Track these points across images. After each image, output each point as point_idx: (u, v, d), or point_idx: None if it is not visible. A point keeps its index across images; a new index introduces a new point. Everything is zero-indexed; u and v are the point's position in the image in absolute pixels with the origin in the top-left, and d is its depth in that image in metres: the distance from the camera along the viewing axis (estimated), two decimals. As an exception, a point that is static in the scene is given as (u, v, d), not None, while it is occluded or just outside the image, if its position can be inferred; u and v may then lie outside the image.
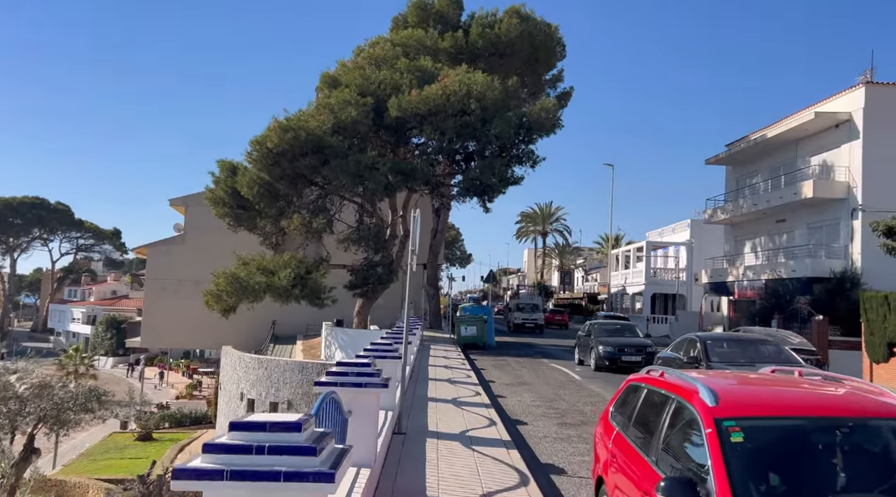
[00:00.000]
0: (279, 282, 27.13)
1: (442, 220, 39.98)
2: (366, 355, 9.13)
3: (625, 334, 22.43)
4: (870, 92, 28.56)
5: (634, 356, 20.18)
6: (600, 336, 21.73)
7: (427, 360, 20.43)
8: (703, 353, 13.34)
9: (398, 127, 29.17)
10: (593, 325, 22.94)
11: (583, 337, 23.31)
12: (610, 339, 21.48)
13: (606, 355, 20.67)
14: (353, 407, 6.06)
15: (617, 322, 25.24)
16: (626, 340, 21.72)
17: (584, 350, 22.78)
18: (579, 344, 23.56)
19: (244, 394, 25.67)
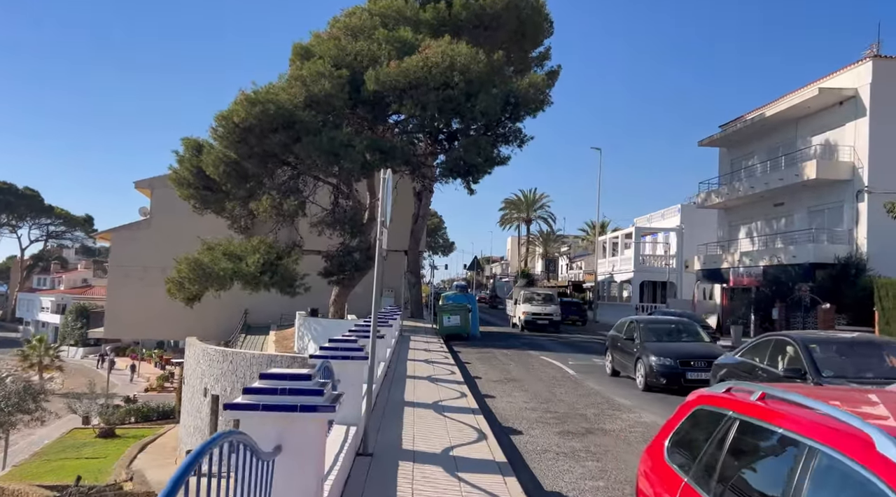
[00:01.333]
0: (247, 268, 25.12)
1: (424, 204, 38.00)
2: (323, 355, 7.22)
3: (683, 337, 16.09)
4: (877, 66, 26.92)
5: (703, 372, 13.63)
6: (649, 340, 15.42)
7: (406, 354, 18.53)
8: (808, 362, 9.22)
9: (376, 102, 27.14)
10: (637, 325, 16.22)
11: (620, 340, 16.62)
12: (666, 347, 14.98)
13: (663, 370, 14.23)
14: (285, 441, 4.12)
15: (671, 319, 18.35)
16: (689, 349, 15.10)
17: (622, 358, 16.28)
18: (615, 349, 16.84)
19: (208, 389, 23.67)
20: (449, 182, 28.85)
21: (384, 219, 7.67)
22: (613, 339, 17.19)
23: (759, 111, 33.25)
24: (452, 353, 20.99)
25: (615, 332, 17.33)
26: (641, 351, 15.01)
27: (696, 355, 14.55)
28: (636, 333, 15.77)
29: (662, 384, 14.17)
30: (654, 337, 15.68)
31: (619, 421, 10.94)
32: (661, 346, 15.06)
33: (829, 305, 23.79)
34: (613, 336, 17.28)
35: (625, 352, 16.18)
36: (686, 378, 13.99)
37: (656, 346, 15.05)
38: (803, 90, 30.00)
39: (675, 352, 14.67)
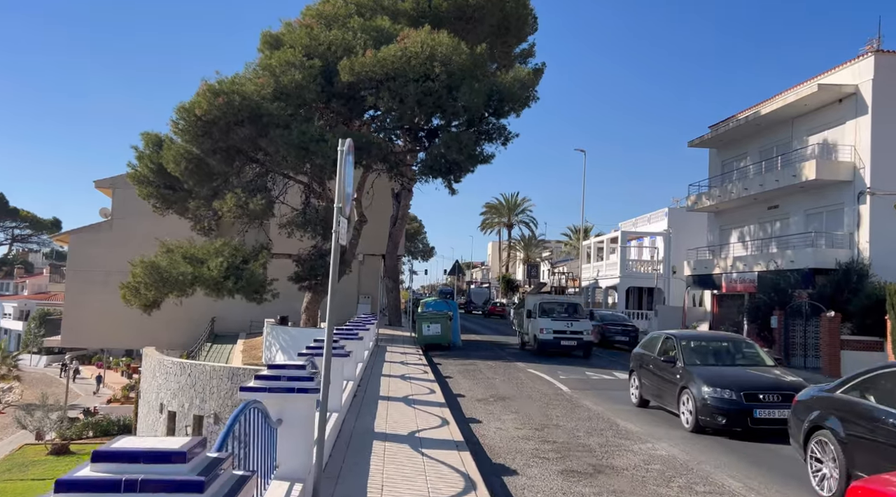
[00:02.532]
0: (209, 272, 23.13)
1: (402, 205, 36.16)
2: (257, 387, 5.40)
3: (738, 360, 12.56)
4: (880, 61, 25.58)
5: (778, 410, 10.38)
6: (694, 363, 11.91)
7: (381, 367, 16.68)
8: None
9: (351, 94, 25.30)
10: (677, 343, 12.48)
11: (653, 361, 13.00)
12: (722, 375, 11.37)
13: (721, 406, 10.63)
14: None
15: (719, 336, 14.53)
16: (755, 377, 11.44)
17: (657, 386, 12.79)
18: (645, 372, 13.34)
19: (164, 405, 21.64)
20: (429, 181, 27.05)
21: (342, 204, 5.87)
22: (641, 360, 13.58)
23: (752, 110, 31.87)
24: (432, 365, 19.18)
25: (643, 351, 13.72)
26: (686, 378, 11.46)
27: (765, 386, 10.94)
28: (677, 354, 12.20)
29: (720, 424, 10.61)
30: (700, 358, 12.22)
31: (630, 454, 9.20)
32: (715, 372, 11.49)
33: (833, 313, 22.30)
34: (641, 355, 13.71)
35: (660, 377, 12.53)
36: (754, 417, 10.49)
37: (708, 372, 11.47)
38: (801, 87, 28.64)
39: (737, 381, 11.03)
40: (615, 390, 15.73)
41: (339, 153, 6.02)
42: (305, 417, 5.69)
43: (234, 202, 24.19)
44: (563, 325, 23.88)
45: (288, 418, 5.50)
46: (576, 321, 24.19)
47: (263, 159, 26.19)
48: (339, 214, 5.93)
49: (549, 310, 24.66)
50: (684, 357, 12.09)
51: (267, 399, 5.42)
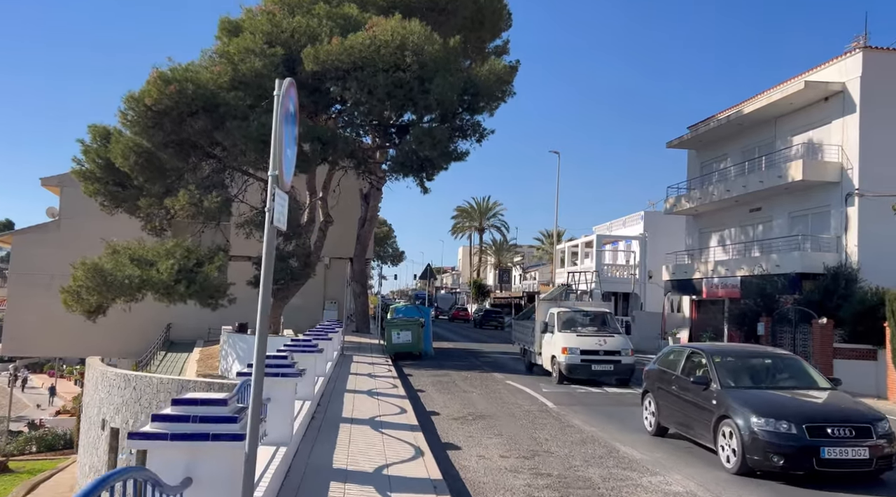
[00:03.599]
0: (158, 276, 21.23)
1: (371, 206, 34.51)
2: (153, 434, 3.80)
3: (784, 381, 10.12)
4: (868, 58, 24.66)
5: (853, 449, 8.26)
6: (731, 385, 9.60)
7: (345, 382, 15.01)
8: None
9: (316, 85, 23.58)
10: (710, 360, 10.07)
11: (674, 380, 10.74)
12: (772, 401, 9.09)
13: (778, 443, 8.37)
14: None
15: (755, 350, 11.90)
16: (817, 405, 9.25)
17: (682, 412, 10.37)
18: (664, 394, 10.96)
19: (106, 421, 19.67)
20: (400, 179, 25.40)
21: (278, 172, 4.27)
22: (659, 379, 11.23)
23: (734, 109, 30.84)
24: (402, 377, 17.56)
25: (661, 368, 11.36)
26: (726, 405, 9.06)
27: (833, 418, 8.55)
28: (709, 373, 9.80)
29: (776, 466, 8.28)
30: (740, 379, 9.82)
31: (641, 492, 7.69)
32: (763, 398, 9.07)
33: (826, 320, 21.18)
34: (658, 374, 11.36)
35: (687, 402, 10.13)
36: (821, 458, 8.12)
37: (754, 398, 9.08)
38: (786, 84, 27.65)
39: (795, 410, 8.72)
40: (605, 406, 14.29)
41: (275, 98, 4.40)
42: (227, 473, 4.05)
43: (187, 200, 22.34)
44: (593, 343, 17.69)
45: (201, 476, 3.88)
46: (609, 337, 18.13)
47: (221, 155, 24.35)
48: (273, 186, 4.33)
49: (572, 322, 18.99)
50: (719, 377, 9.68)
51: (167, 450, 3.83)
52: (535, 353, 20.26)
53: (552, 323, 19.06)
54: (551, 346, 18.59)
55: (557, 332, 18.50)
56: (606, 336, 18.21)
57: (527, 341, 21.59)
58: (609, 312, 20.76)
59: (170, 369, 27.74)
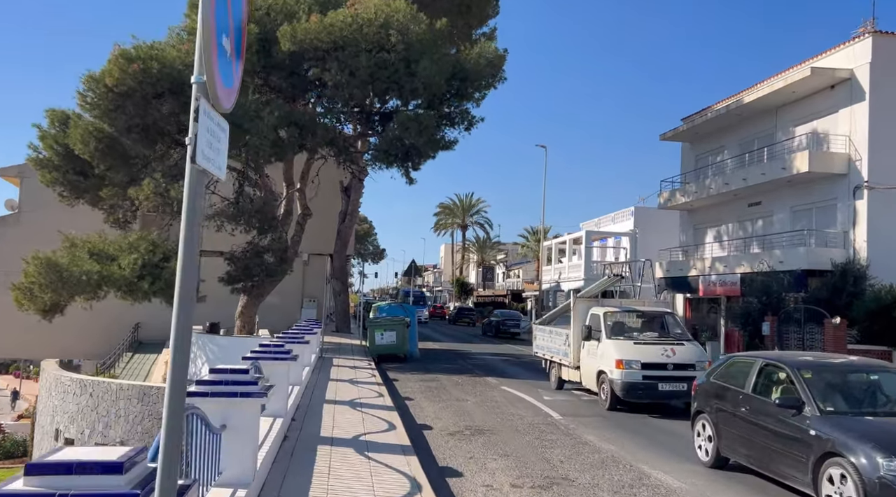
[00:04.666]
0: (119, 271, 19.43)
1: (352, 200, 32.80)
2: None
3: None
4: (878, 43, 23.43)
5: None
6: (833, 411, 7.42)
7: (324, 390, 13.38)
8: None
9: (293, 67, 21.95)
10: (798, 375, 7.86)
11: (741, 400, 8.53)
12: None
13: None
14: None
15: (851, 363, 8.69)
16: None
17: (754, 439, 8.13)
18: (727, 417, 8.73)
19: (60, 431, 17.86)
20: (383, 169, 23.82)
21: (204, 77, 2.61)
22: (717, 396, 9.01)
23: (734, 98, 29.55)
24: (388, 383, 15.96)
25: (719, 382, 9.13)
26: (831, 437, 6.88)
27: None
28: (800, 393, 7.59)
29: None
30: (843, 403, 7.65)
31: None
32: (885, 429, 6.82)
33: (839, 319, 19.90)
34: (716, 389, 9.09)
35: (766, 430, 7.84)
36: None
37: (873, 429, 6.87)
38: (790, 72, 26.38)
39: None
40: (614, 417, 12.79)
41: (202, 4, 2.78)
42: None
43: (152, 189, 20.56)
44: (657, 354, 13.47)
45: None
46: (677, 345, 13.89)
47: (191, 142, 22.54)
48: (200, 99, 2.72)
49: (624, 326, 14.99)
50: (815, 399, 7.39)
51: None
52: (569, 367, 15.59)
53: (598, 327, 14.46)
54: (598, 359, 14.04)
55: (606, 339, 14.02)
56: (673, 344, 13.88)
57: (555, 351, 16.77)
58: (671, 312, 16.53)
59: (136, 372, 25.92)
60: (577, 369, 15.28)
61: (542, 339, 18.23)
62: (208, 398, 5.18)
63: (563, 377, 16.27)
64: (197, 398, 5.07)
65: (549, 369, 17.50)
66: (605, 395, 13.62)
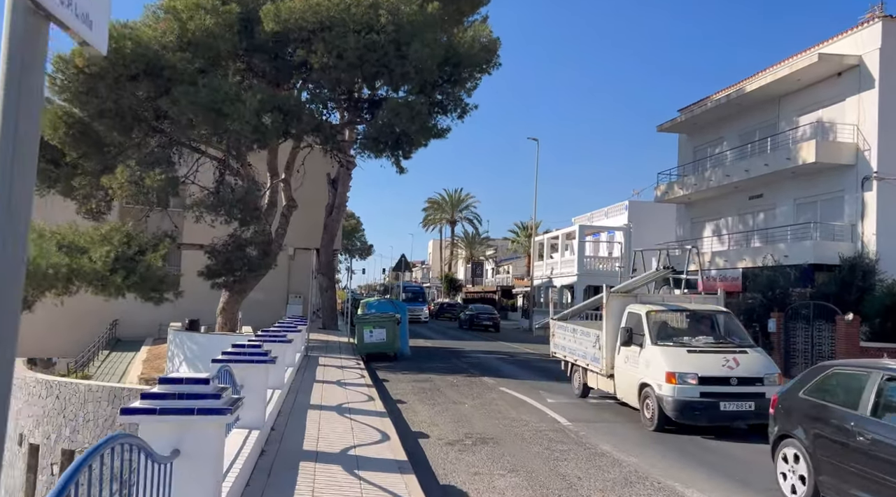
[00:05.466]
0: (90, 265, 18.17)
1: (340, 193, 31.61)
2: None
3: None
4: (888, 28, 22.52)
5: None
6: None
7: (309, 393, 12.25)
8: None
9: (277, 49, 20.75)
10: None
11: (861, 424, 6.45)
12: None
13: None
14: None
15: None
16: None
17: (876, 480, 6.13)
18: (826, 439, 6.92)
19: (24, 436, 16.60)
20: (372, 157, 22.63)
21: None
22: (813, 418, 7.19)
23: (735, 87, 28.61)
24: (378, 384, 14.86)
25: (813, 399, 7.34)
26: None
27: None
28: None
29: None
30: None
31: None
32: None
33: (851, 316, 18.98)
34: (810, 407, 7.32)
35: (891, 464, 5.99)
36: None
37: None
38: (795, 59, 25.44)
39: None
40: (627, 422, 11.75)
41: None
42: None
43: (126, 177, 19.28)
44: (717, 365, 10.99)
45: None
46: (739, 353, 11.38)
47: (169, 129, 21.32)
48: None
49: (673, 329, 12.41)
50: None
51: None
52: (600, 374, 13.20)
53: (640, 330, 11.90)
54: (640, 369, 11.57)
55: (652, 344, 11.49)
56: (735, 352, 11.34)
57: (580, 354, 14.29)
58: (728, 312, 13.21)
59: (112, 371, 24.66)
60: (609, 378, 12.74)
61: (562, 337, 15.76)
62: (156, 416, 4.05)
63: (589, 384, 13.97)
64: (140, 416, 3.95)
65: (570, 373, 15.19)
66: (651, 413, 11.01)
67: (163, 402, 4.24)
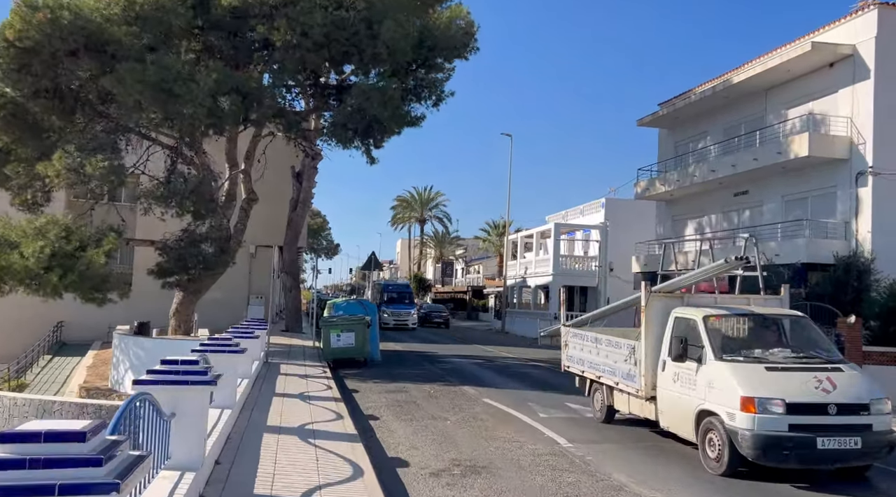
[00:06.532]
0: (21, 261, 16.19)
1: (305, 188, 29.81)
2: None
3: None
4: (884, 16, 21.50)
5: None
6: None
7: (266, 412, 10.54)
8: None
9: (236, 27, 18.90)
10: None
11: None
12: None
13: None
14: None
15: None
16: None
17: None
18: None
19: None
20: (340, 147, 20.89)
21: None
22: None
23: (722, 78, 27.45)
24: (347, 397, 13.19)
25: None
26: None
27: None
28: None
29: None
30: None
31: None
32: None
33: (854, 318, 17.82)
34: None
35: None
36: None
37: None
38: (785, 48, 24.33)
39: None
40: (636, 442, 10.26)
41: None
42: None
43: (63, 164, 17.24)
44: (807, 388, 8.36)
45: None
46: (833, 370, 8.71)
47: (116, 113, 19.33)
48: None
49: (740, 340, 9.82)
50: None
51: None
52: (635, 396, 10.42)
53: (697, 340, 9.19)
54: (700, 391, 8.85)
55: (715, 359, 8.77)
56: (827, 369, 8.67)
57: (605, 368, 11.48)
58: (803, 316, 10.29)
59: (52, 378, 22.57)
60: (649, 401, 10.04)
61: (578, 348, 12.77)
62: None
63: (616, 407, 11.37)
64: None
65: (589, 392, 12.38)
66: (716, 452, 8.42)
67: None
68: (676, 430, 9.52)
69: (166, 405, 5.48)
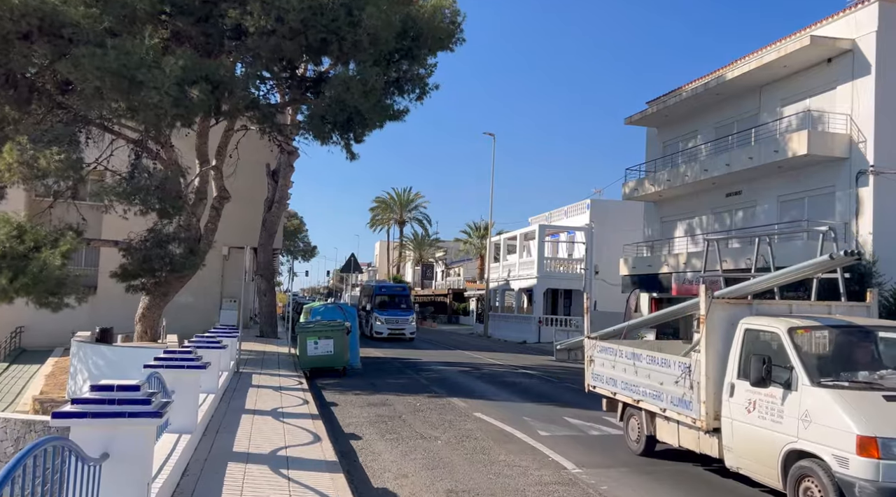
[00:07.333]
0: (-34, 263, 14.73)
1: (280, 186, 28.44)
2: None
3: None
4: (885, 10, 20.76)
5: None
6: None
7: (234, 433, 9.32)
8: None
9: (206, 11, 17.61)
10: None
11: None
12: None
13: None
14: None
15: None
16: None
17: None
18: None
19: None
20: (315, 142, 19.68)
21: None
22: None
23: (714, 75, 26.62)
24: (325, 411, 11.98)
25: None
26: None
27: None
28: None
29: None
30: None
31: None
32: None
33: (861, 323, 16.97)
34: None
35: None
36: None
37: None
38: (783, 42, 23.53)
39: None
40: (650, 466, 9.18)
41: None
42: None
43: (14, 157, 15.82)
44: None
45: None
46: None
47: (76, 104, 17.94)
48: None
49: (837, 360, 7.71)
50: None
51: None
52: (691, 427, 8.59)
53: (783, 359, 7.33)
54: (789, 425, 7.02)
55: (811, 385, 6.94)
56: None
57: (646, 392, 9.46)
58: (893, 325, 8.50)
59: (7, 388, 21.06)
60: (711, 434, 8.21)
61: (609, 365, 10.54)
62: None
63: (660, 438, 9.41)
64: None
65: (623, 417, 10.35)
66: None
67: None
68: (751, 472, 7.63)
69: (96, 443, 4.29)
